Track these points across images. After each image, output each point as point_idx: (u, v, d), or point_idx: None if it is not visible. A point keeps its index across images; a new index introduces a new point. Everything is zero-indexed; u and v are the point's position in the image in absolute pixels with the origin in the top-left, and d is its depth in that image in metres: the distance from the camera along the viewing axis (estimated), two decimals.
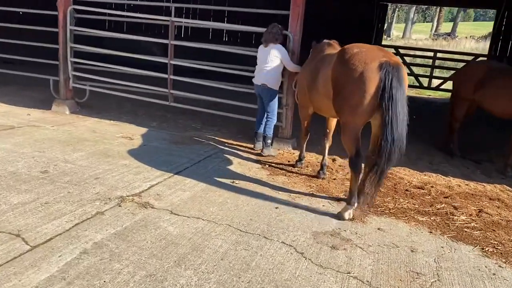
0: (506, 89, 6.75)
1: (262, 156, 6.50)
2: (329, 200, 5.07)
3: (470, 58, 15.68)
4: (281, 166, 6.19)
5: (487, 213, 4.99)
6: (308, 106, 5.72)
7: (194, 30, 17.52)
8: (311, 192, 5.27)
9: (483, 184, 6.12)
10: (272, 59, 6.27)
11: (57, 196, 4.52)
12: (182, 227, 4.09)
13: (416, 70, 17.97)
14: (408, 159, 7.15)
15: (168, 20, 7.47)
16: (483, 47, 30.93)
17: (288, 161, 6.43)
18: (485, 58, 14.98)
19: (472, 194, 5.62)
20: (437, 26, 53.30)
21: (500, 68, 7.22)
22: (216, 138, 7.36)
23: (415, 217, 4.78)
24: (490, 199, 5.51)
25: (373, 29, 16.85)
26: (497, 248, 4.19)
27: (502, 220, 4.84)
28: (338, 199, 5.11)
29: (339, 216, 4.57)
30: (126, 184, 5.00)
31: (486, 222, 4.76)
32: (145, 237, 3.85)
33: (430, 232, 4.47)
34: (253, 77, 6.61)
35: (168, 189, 4.98)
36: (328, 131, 5.79)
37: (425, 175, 6.31)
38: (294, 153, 6.81)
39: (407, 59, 16.52)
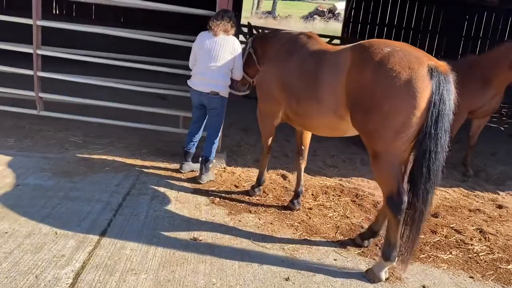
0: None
1: (200, 183, 4.80)
2: (334, 248, 3.77)
3: (325, 40, 15.84)
4: (233, 196, 4.61)
5: (489, 233, 4.38)
6: (275, 116, 4.25)
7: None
8: (303, 237, 3.90)
9: (444, 189, 5.58)
10: (223, 56, 4.53)
11: None
12: None
13: None
14: (342, 162, 6.33)
15: None
16: (312, 27, 32.70)
17: (236, 186, 4.88)
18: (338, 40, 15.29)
19: (451, 207, 5.00)
20: (258, 5, 55.03)
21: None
22: (117, 158, 5.29)
23: (437, 255, 3.86)
24: (470, 210, 4.97)
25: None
26: None
27: (510, 241, 4.27)
28: (342, 243, 3.86)
29: (373, 277, 3.33)
30: (30, 280, 2.87)
31: (503, 248, 4.11)
32: None
33: (471, 277, 3.59)
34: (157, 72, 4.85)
35: (109, 275, 3.03)
36: (303, 148, 4.41)
37: None
38: (235, 173, 5.26)
39: None
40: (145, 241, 3.52)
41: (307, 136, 4.40)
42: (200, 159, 4.87)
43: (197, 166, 5.12)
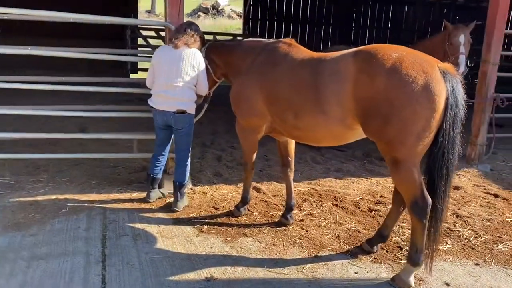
0: None
1: (177, 211, 4.35)
2: (348, 260, 3.65)
3: (228, 38, 15.74)
4: (218, 220, 4.25)
5: (465, 217, 4.63)
6: (259, 131, 3.99)
7: None
8: (313, 255, 3.71)
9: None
10: (186, 70, 4.09)
11: None
12: None
13: None
14: (297, 163, 6.26)
15: None
16: (201, 24, 32.33)
17: (215, 208, 4.52)
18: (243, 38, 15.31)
19: None
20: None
21: None
22: (67, 196, 4.58)
23: (437, 248, 3.94)
24: None
25: (126, 4, 14.86)
26: None
27: (488, 221, 4.54)
28: (352, 253, 3.76)
29: (402, 284, 3.27)
30: None
31: (484, 229, 4.36)
32: None
33: (477, 264, 3.73)
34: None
35: None
36: (289, 159, 4.20)
37: (352, 182, 5.54)
38: (205, 193, 4.87)
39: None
40: None
41: (292, 147, 4.21)
42: (173, 185, 4.40)
43: (164, 192, 4.66)
